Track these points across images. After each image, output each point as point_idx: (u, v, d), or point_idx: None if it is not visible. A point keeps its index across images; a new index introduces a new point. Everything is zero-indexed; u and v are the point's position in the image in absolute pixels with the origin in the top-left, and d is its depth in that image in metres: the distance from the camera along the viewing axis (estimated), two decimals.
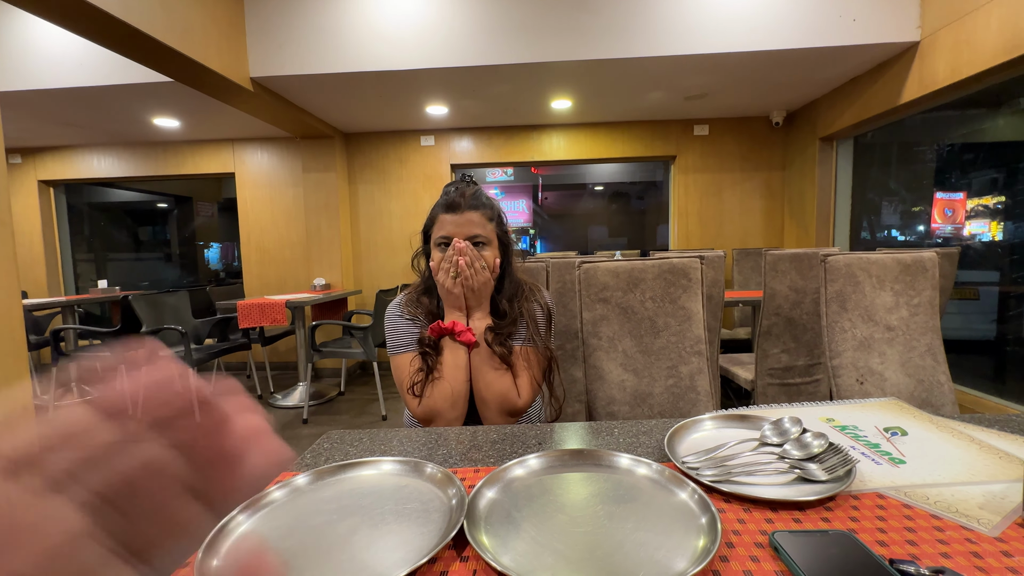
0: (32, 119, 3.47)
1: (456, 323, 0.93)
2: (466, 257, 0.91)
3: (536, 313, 1.01)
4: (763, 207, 3.99)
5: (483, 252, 0.95)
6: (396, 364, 0.98)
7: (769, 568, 0.43)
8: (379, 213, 4.15)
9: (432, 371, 0.93)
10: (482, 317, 0.97)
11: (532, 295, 1.03)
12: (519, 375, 0.95)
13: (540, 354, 0.98)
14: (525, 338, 0.98)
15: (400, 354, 0.98)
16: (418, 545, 0.48)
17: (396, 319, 1.01)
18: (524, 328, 0.98)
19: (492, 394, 0.93)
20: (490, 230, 0.97)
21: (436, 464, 0.62)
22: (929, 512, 0.50)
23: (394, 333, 1.00)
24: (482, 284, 0.93)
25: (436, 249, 0.96)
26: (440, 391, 0.92)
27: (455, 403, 0.92)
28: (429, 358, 0.93)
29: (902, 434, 0.68)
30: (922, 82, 2.53)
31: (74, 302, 3.60)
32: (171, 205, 6.40)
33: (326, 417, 3.08)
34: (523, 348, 0.97)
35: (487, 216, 0.96)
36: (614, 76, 2.94)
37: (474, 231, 0.94)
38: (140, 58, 2.30)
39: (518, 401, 0.94)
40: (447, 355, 0.93)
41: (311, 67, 2.72)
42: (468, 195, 0.96)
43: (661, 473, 0.58)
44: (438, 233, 0.96)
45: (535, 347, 0.98)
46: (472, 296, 0.94)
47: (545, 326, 1.02)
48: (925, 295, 1.27)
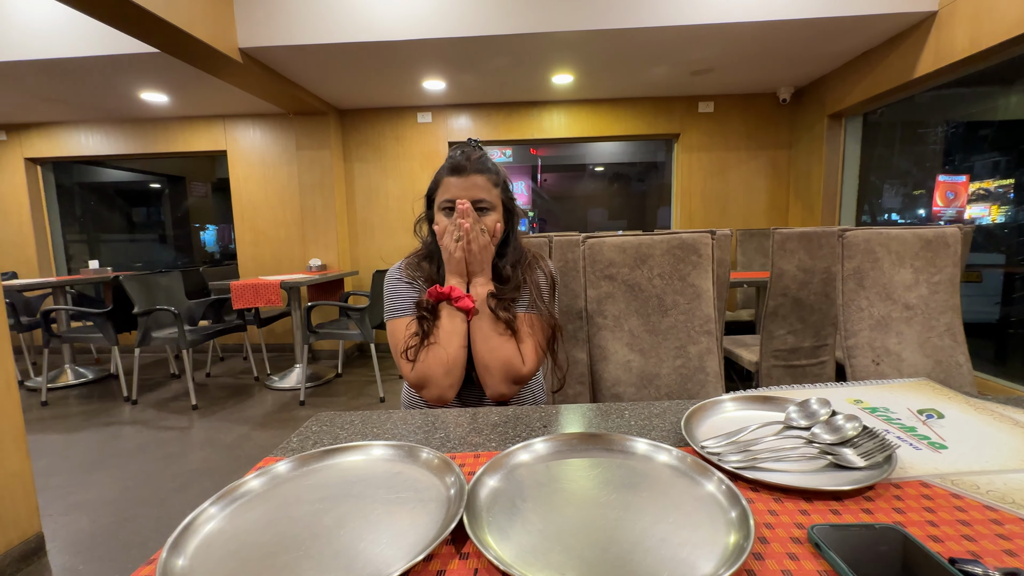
0: (15, 93, 3.34)
1: (454, 288, 0.91)
2: (468, 219, 0.88)
3: (540, 281, 0.98)
4: (768, 187, 3.90)
5: (487, 216, 0.93)
6: (392, 328, 0.96)
7: (811, 567, 0.38)
8: (375, 192, 4.06)
9: (428, 336, 0.90)
10: (484, 283, 0.93)
11: (536, 263, 1.01)
12: (523, 341, 0.91)
13: (544, 321, 0.96)
14: (528, 305, 0.96)
15: (397, 318, 0.96)
16: (412, 539, 0.42)
17: (395, 282, 0.99)
18: (527, 295, 0.96)
19: (496, 360, 0.89)
20: (495, 195, 0.94)
21: (433, 449, 0.56)
22: (983, 503, 0.45)
23: (392, 297, 0.98)
24: (482, 248, 0.91)
25: (440, 213, 0.94)
26: (435, 356, 0.88)
27: (449, 370, 0.88)
28: (425, 323, 0.90)
29: (938, 416, 0.63)
30: (938, 54, 2.43)
31: (65, 283, 3.53)
32: (164, 185, 6.27)
33: (323, 399, 3.04)
34: (527, 315, 0.95)
35: (492, 181, 0.94)
36: (617, 48, 2.83)
37: (479, 195, 0.91)
38: (122, 26, 2.18)
39: (522, 368, 0.90)
40: (444, 321, 0.90)
41: (301, 37, 2.60)
42: (474, 159, 0.93)
43: (682, 460, 0.52)
44: (442, 196, 0.93)
45: (539, 314, 0.95)
46: (473, 261, 0.91)
47: (549, 294, 0.99)
48: (946, 272, 1.22)
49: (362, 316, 2.93)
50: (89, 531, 1.68)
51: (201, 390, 3.27)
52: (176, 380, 3.52)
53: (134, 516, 1.76)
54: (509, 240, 0.99)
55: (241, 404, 2.97)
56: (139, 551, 1.57)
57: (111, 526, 1.71)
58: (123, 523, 1.72)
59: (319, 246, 3.90)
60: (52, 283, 3.44)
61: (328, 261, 3.89)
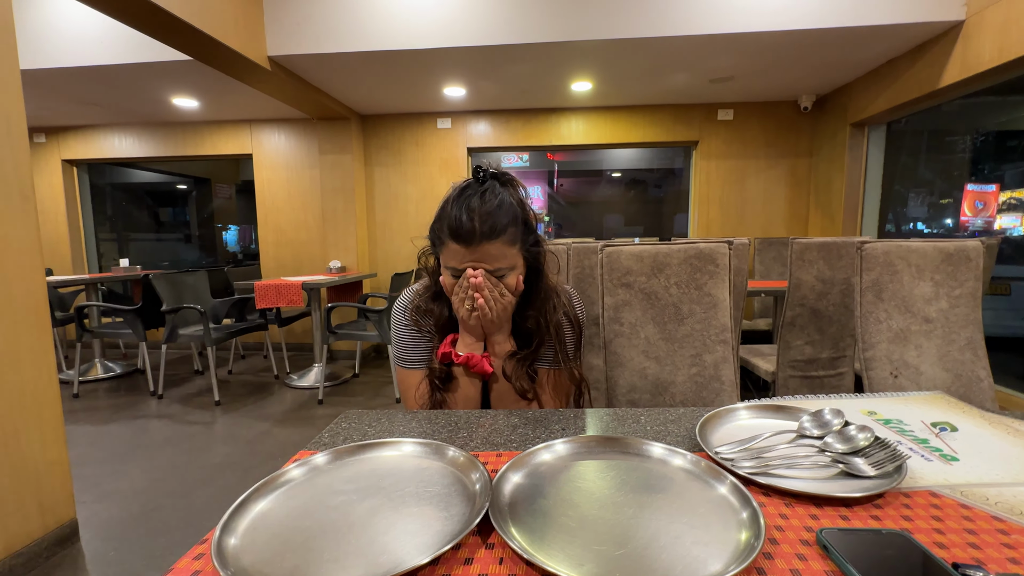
0: (55, 98, 3.50)
1: (471, 356, 0.83)
2: (483, 292, 0.78)
3: (564, 330, 0.89)
4: (788, 195, 3.87)
5: (506, 279, 0.81)
6: (402, 377, 0.91)
7: (819, 568, 0.40)
8: (395, 196, 4.14)
9: (441, 405, 0.86)
10: (502, 342, 0.86)
11: (561, 306, 0.90)
12: (544, 406, 0.88)
13: (567, 378, 0.90)
14: (551, 360, 0.89)
15: (407, 369, 0.90)
16: (440, 529, 0.46)
17: (403, 328, 0.91)
18: (551, 349, 0.88)
19: None
20: (513, 255, 0.80)
21: (458, 448, 0.59)
22: (991, 514, 0.46)
23: (400, 344, 0.91)
24: (502, 311, 0.81)
25: (447, 273, 0.82)
26: None
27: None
28: (438, 391, 0.85)
29: (952, 430, 0.64)
30: (965, 64, 2.40)
31: (97, 280, 3.67)
32: (190, 187, 6.46)
33: (341, 398, 3.10)
34: (549, 373, 0.89)
35: (508, 241, 0.79)
36: (637, 57, 2.85)
37: (494, 265, 0.78)
38: (158, 35, 2.29)
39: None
40: (460, 388, 0.85)
41: (328, 46, 2.68)
42: (483, 218, 0.76)
43: (696, 464, 0.55)
44: (448, 262, 0.81)
45: (561, 370, 0.89)
46: (490, 325, 0.83)
47: (574, 343, 0.92)
48: (967, 286, 1.21)
49: (380, 318, 2.99)
50: (119, 519, 1.75)
51: (223, 386, 3.36)
52: (200, 376, 3.63)
53: (162, 506, 1.83)
54: (532, 288, 0.87)
55: (262, 401, 3.06)
56: (166, 539, 1.63)
57: (140, 515, 1.78)
58: (151, 512, 1.79)
59: (339, 248, 3.98)
60: (86, 280, 3.58)
61: (348, 263, 3.97)
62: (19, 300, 1.48)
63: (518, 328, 0.88)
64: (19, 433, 1.47)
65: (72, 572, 1.49)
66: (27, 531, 1.48)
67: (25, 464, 1.49)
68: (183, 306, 3.01)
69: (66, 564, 1.52)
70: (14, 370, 1.47)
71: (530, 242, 0.84)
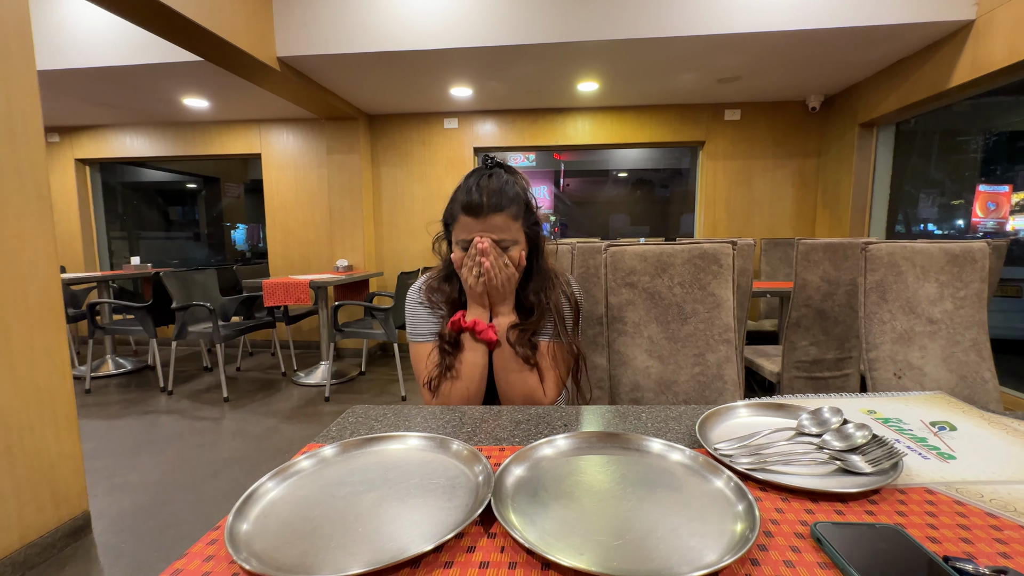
0: (69, 98, 3.56)
1: (477, 321, 0.90)
2: (489, 257, 0.86)
3: (563, 308, 0.97)
4: (795, 196, 3.85)
5: (510, 252, 0.90)
6: (415, 352, 0.98)
7: (811, 560, 0.41)
8: (401, 196, 4.16)
9: (450, 368, 0.90)
10: (506, 313, 0.93)
11: (561, 288, 0.98)
12: (544, 375, 0.92)
13: (566, 351, 0.96)
14: (552, 334, 0.95)
15: (419, 343, 0.97)
16: (444, 520, 0.47)
17: (416, 306, 0.99)
18: (551, 323, 0.95)
19: (516, 394, 0.92)
20: (516, 229, 0.90)
21: (462, 441, 0.61)
22: (985, 510, 0.47)
23: (413, 320, 0.99)
24: (506, 280, 0.89)
25: (457, 247, 0.91)
26: (456, 391, 0.91)
27: (468, 402, 0.92)
28: (448, 356, 0.91)
29: (950, 429, 0.65)
30: (975, 64, 2.38)
31: (109, 277, 3.73)
32: (200, 186, 6.54)
33: (347, 396, 3.13)
34: (549, 345, 0.94)
35: (512, 214, 0.89)
36: (644, 57, 2.85)
37: (499, 235, 0.88)
38: (170, 36, 2.32)
39: (543, 400, 0.92)
40: (467, 354, 0.90)
41: (337, 47, 2.71)
42: (491, 192, 0.87)
43: (695, 459, 0.56)
44: (459, 235, 0.90)
45: (561, 344, 0.95)
46: (496, 293, 0.90)
47: (572, 320, 0.98)
48: (973, 287, 1.21)
49: (386, 316, 3.01)
50: (131, 511, 1.79)
51: (232, 383, 3.41)
52: (208, 373, 3.67)
53: (172, 499, 1.87)
54: (533, 267, 0.96)
55: (269, 398, 3.09)
56: (176, 531, 1.66)
57: (151, 508, 1.81)
58: (162, 505, 1.82)
59: (346, 247, 4.01)
60: (98, 278, 3.64)
61: (354, 262, 4.00)
62: (34, 297, 1.52)
63: (520, 305, 0.95)
64: (34, 427, 1.51)
65: (85, 563, 1.52)
66: (42, 522, 1.52)
67: (39, 457, 1.52)
68: (193, 304, 3.05)
69: (79, 555, 1.55)
70: (29, 365, 1.50)
71: (531, 221, 0.93)
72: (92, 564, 1.52)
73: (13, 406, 1.45)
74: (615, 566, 0.40)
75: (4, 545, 1.42)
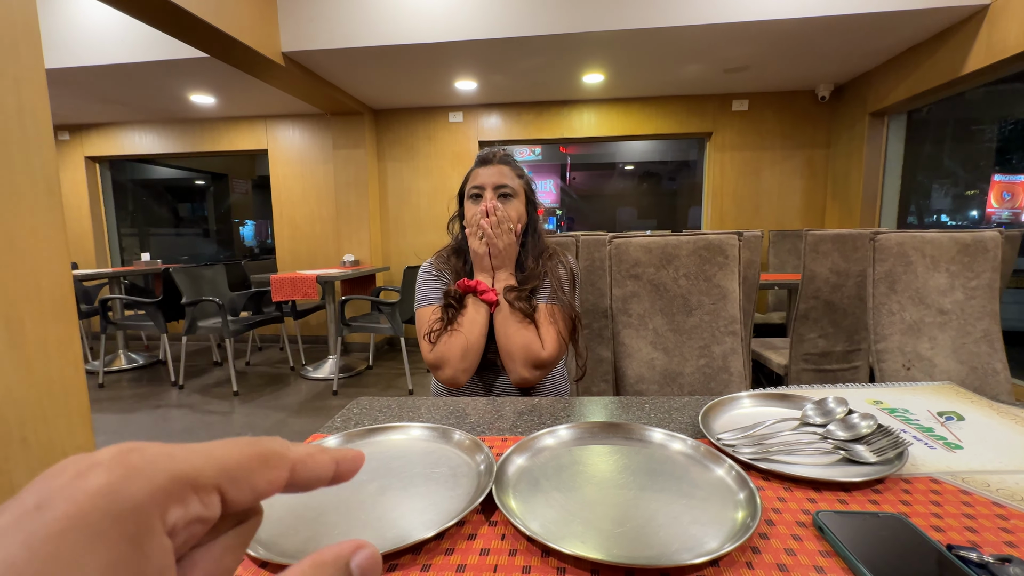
0: (78, 96, 3.59)
1: (480, 282, 0.98)
2: (492, 218, 0.95)
3: (561, 274, 1.03)
4: (804, 187, 3.80)
5: (510, 203, 1.00)
6: (420, 315, 1.04)
7: (813, 548, 0.41)
8: (407, 191, 4.16)
9: (452, 323, 0.97)
10: (506, 278, 1.00)
11: (558, 257, 1.06)
12: (542, 328, 0.96)
13: (565, 312, 1.00)
14: (549, 296, 1.00)
15: (424, 306, 1.03)
16: (446, 508, 0.47)
17: (425, 275, 1.07)
18: (548, 287, 1.01)
19: (515, 345, 0.94)
20: (518, 185, 1.03)
21: (464, 431, 0.61)
22: (991, 499, 0.47)
23: (422, 288, 1.06)
24: (507, 245, 0.97)
25: (469, 201, 1.03)
26: (454, 341, 0.95)
27: (466, 355, 0.94)
28: (451, 310, 0.97)
29: (958, 419, 0.64)
30: (990, 50, 2.32)
31: (120, 273, 3.78)
32: (208, 182, 6.59)
33: (355, 390, 3.16)
34: (548, 305, 1.00)
35: (516, 172, 1.04)
36: (650, 47, 2.82)
37: (503, 181, 1.00)
38: (176, 32, 2.33)
39: (542, 352, 0.94)
40: (468, 310, 0.97)
41: (341, 41, 2.71)
42: (500, 154, 1.05)
43: (696, 448, 0.56)
44: (471, 184, 1.03)
45: (560, 304, 1.00)
46: (497, 256, 0.98)
47: (570, 287, 1.04)
48: (984, 277, 1.19)
49: (393, 310, 3.03)
50: None
51: (241, 377, 3.44)
52: (218, 367, 3.72)
53: None
54: (529, 232, 1.06)
55: (278, 392, 3.12)
56: None
57: None
58: None
59: (353, 242, 4.03)
60: (109, 274, 3.69)
61: (361, 257, 4.02)
62: (47, 292, 1.54)
63: (520, 269, 1.04)
64: (48, 419, 1.54)
65: None
66: None
67: (54, 448, 1.55)
68: (202, 299, 3.08)
69: None
70: (43, 359, 1.53)
71: (530, 189, 1.07)
72: None
73: (28, 399, 1.48)
74: (616, 553, 0.40)
75: None
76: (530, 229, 1.07)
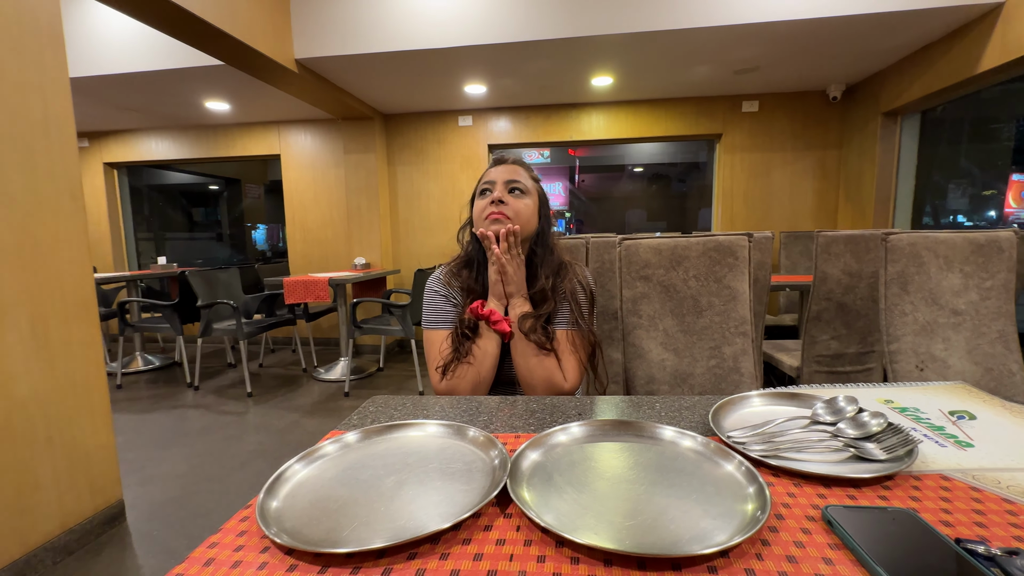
0: (98, 104, 3.68)
1: (493, 311, 0.94)
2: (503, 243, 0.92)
3: (579, 295, 0.99)
4: (815, 188, 3.78)
5: (521, 200, 0.97)
6: (428, 338, 1.01)
7: (822, 541, 0.41)
8: (417, 194, 4.20)
9: (463, 353, 0.93)
10: (521, 304, 0.97)
11: (574, 276, 1.01)
12: (564, 358, 0.93)
13: (584, 338, 0.97)
14: (569, 321, 0.97)
15: (433, 329, 1.00)
16: (462, 501, 0.49)
17: (434, 294, 1.03)
18: (568, 310, 0.97)
19: (536, 379, 0.92)
20: (530, 184, 1.01)
21: (478, 428, 0.63)
22: (1001, 496, 0.47)
23: (430, 307, 1.03)
24: (516, 268, 0.94)
25: (479, 198, 1.00)
26: (467, 376, 0.93)
27: (476, 388, 0.93)
28: (464, 342, 0.94)
29: (969, 418, 0.64)
30: (1005, 48, 2.30)
31: (137, 277, 3.86)
32: (221, 187, 6.70)
33: (366, 391, 3.19)
34: (567, 332, 0.96)
35: (530, 175, 1.02)
36: (659, 50, 2.83)
37: (515, 177, 0.99)
38: (192, 41, 2.39)
39: (564, 384, 0.92)
40: (481, 341, 0.94)
41: (353, 47, 2.75)
42: (516, 157, 1.04)
43: (706, 445, 0.57)
44: (482, 181, 1.01)
45: (579, 331, 0.97)
46: (510, 283, 0.95)
47: (588, 308, 1.00)
48: (999, 278, 1.18)
49: (403, 313, 3.06)
50: (161, 501, 1.86)
51: (255, 379, 3.50)
52: (232, 369, 3.78)
53: (200, 490, 1.93)
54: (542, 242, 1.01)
55: (291, 393, 3.17)
56: (205, 520, 1.73)
57: (180, 497, 1.88)
58: (191, 495, 1.89)
59: (364, 245, 4.08)
60: (127, 277, 3.77)
61: (372, 260, 4.06)
62: (70, 295, 1.59)
63: (534, 296, 0.99)
64: (72, 418, 1.58)
65: (120, 549, 1.59)
66: (79, 510, 1.59)
67: (77, 447, 1.60)
68: (217, 301, 3.14)
69: (114, 541, 1.62)
70: (66, 359, 1.57)
71: (542, 193, 1.04)
72: (127, 550, 1.59)
73: (52, 399, 1.53)
74: (628, 544, 0.41)
75: (46, 531, 1.49)
76: (541, 240, 1.02)
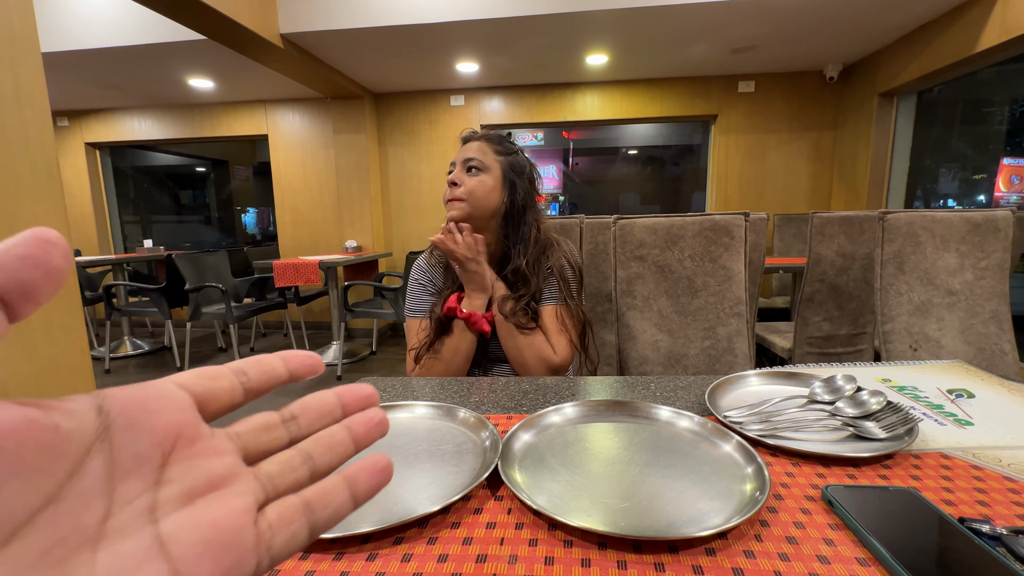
0: (76, 81, 3.55)
1: (474, 313, 0.90)
2: (459, 181, 0.90)
3: (567, 273, 0.96)
4: (810, 170, 3.76)
5: (476, 178, 0.91)
6: (408, 325, 1.01)
7: (822, 521, 0.40)
8: (409, 175, 4.13)
9: (434, 347, 0.92)
10: (500, 287, 0.93)
11: (561, 251, 0.98)
12: (552, 333, 0.92)
13: (573, 315, 0.95)
14: (557, 298, 0.94)
15: (413, 318, 1.00)
16: (451, 484, 0.47)
17: (414, 281, 1.03)
18: (555, 287, 0.95)
19: (526, 357, 0.90)
20: (491, 159, 0.93)
21: (469, 409, 0.61)
22: (1003, 474, 0.46)
23: (411, 294, 1.02)
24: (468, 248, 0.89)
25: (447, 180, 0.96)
26: (434, 369, 0.92)
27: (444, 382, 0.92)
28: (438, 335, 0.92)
29: (968, 396, 0.63)
30: (1005, 26, 2.27)
31: (123, 260, 3.78)
32: (209, 169, 6.55)
33: (358, 375, 3.17)
34: (555, 308, 0.94)
35: (495, 149, 0.94)
36: (655, 26, 2.76)
37: (472, 155, 0.92)
38: (172, 14, 2.29)
39: (554, 358, 0.90)
40: (452, 338, 0.91)
41: (340, 22, 2.66)
42: (484, 132, 0.97)
43: (703, 425, 0.55)
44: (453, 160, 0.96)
45: (568, 307, 0.94)
46: (465, 275, 0.91)
47: (577, 285, 0.98)
48: (995, 257, 1.17)
49: (395, 296, 3.03)
50: None
51: None
52: (223, 353, 3.74)
53: None
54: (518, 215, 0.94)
55: None
56: None
57: None
58: None
59: (355, 228, 4.01)
60: (112, 260, 3.69)
61: (363, 242, 4.01)
62: None
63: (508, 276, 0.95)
64: None
65: None
66: None
67: None
68: (206, 284, 3.09)
69: None
70: (48, 344, 1.53)
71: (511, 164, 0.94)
72: None
73: (34, 385, 1.49)
74: (623, 526, 0.40)
75: None
76: (509, 216, 0.94)
